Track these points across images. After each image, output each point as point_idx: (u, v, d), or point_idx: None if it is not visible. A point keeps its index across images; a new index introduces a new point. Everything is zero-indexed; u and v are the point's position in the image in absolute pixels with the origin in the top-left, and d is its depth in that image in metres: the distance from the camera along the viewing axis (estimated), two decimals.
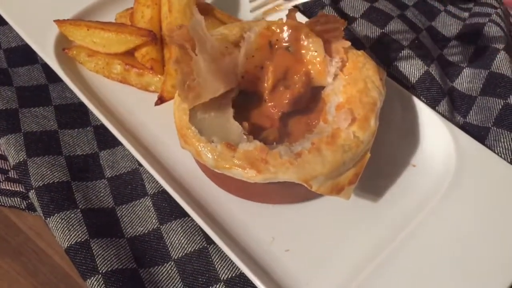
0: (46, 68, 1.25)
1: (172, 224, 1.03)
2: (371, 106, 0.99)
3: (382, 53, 1.32)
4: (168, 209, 1.05)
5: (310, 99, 1.05)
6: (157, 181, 1.06)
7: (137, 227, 1.04)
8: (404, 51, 1.30)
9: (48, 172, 1.07)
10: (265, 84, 1.03)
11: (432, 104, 1.22)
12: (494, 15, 1.40)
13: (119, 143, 1.14)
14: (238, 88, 1.03)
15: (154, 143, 1.13)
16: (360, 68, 1.03)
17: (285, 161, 0.90)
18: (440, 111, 1.22)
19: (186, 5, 1.19)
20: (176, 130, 0.99)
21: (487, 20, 1.40)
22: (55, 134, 1.15)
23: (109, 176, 1.11)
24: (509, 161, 1.12)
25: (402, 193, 1.07)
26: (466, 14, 1.49)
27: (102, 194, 1.08)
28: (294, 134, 1.02)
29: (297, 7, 1.07)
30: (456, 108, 1.26)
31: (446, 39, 1.42)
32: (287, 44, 1.05)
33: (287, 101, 1.01)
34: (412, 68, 1.28)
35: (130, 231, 1.04)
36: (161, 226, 1.04)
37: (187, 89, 0.92)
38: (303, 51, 1.04)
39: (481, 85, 1.28)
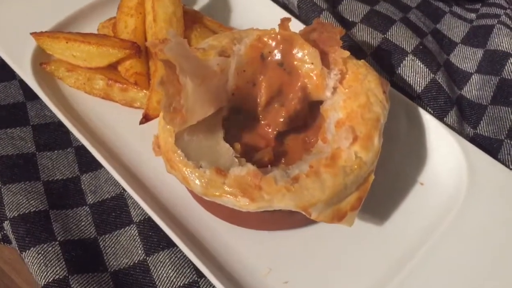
0: (23, 85, 1.17)
1: (160, 255, 0.95)
2: (374, 122, 0.90)
3: (385, 60, 1.23)
4: (155, 239, 0.97)
5: (308, 115, 0.97)
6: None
7: (122, 259, 0.96)
8: (408, 58, 1.21)
9: (24, 201, 0.99)
10: (258, 101, 0.95)
11: (440, 115, 1.14)
12: (504, 16, 1.31)
13: (102, 165, 1.05)
14: (229, 106, 0.94)
15: (139, 165, 1.05)
16: (361, 80, 0.94)
17: (281, 187, 0.82)
18: (449, 123, 1.13)
19: (172, 14, 1.11)
20: (161, 154, 0.91)
21: (496, 21, 1.31)
22: (32, 157, 1.07)
23: (91, 202, 1.02)
24: None
25: (409, 214, 0.99)
26: (473, 15, 1.40)
27: (83, 223, 0.99)
28: (291, 154, 0.94)
29: (290, 17, 0.98)
30: (465, 118, 1.17)
31: (453, 43, 1.33)
32: (280, 56, 0.96)
33: (282, 119, 0.93)
34: (417, 76, 1.19)
35: (114, 263, 0.95)
36: (147, 258, 0.95)
37: (173, 111, 0.83)
38: (298, 64, 0.96)
39: (491, 93, 1.19)
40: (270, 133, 0.94)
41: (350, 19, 1.31)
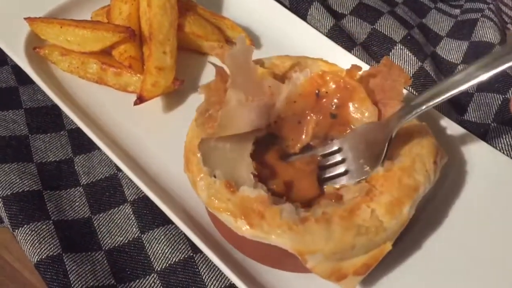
0: (16, 70, 1.16)
1: (155, 232, 0.95)
2: (410, 190, 0.82)
3: (374, 49, 1.26)
4: (150, 217, 0.96)
5: None
6: (137, 187, 0.98)
7: (116, 237, 0.95)
8: (397, 47, 1.24)
9: (18, 180, 0.98)
10: (299, 138, 0.91)
11: None
12: (487, 10, 1.36)
13: (95, 147, 1.05)
14: (266, 131, 0.90)
15: (134, 146, 1.04)
16: (413, 143, 0.88)
17: (284, 223, 0.76)
18: (437, 109, 1.16)
19: (167, 0, 1.12)
20: (184, 152, 0.89)
21: (479, 15, 1.35)
22: (25, 139, 1.06)
23: (85, 183, 1.02)
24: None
25: None
26: (457, 11, 1.44)
27: (77, 204, 0.99)
28: (304, 193, 0.86)
29: (360, 66, 0.93)
30: (452, 106, 1.20)
31: (439, 36, 1.37)
32: (335, 103, 0.92)
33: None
34: (406, 64, 1.22)
35: (109, 241, 0.94)
36: (142, 235, 0.95)
37: (207, 117, 0.81)
38: (352, 116, 0.91)
39: None
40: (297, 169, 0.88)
41: (340, 11, 1.34)
